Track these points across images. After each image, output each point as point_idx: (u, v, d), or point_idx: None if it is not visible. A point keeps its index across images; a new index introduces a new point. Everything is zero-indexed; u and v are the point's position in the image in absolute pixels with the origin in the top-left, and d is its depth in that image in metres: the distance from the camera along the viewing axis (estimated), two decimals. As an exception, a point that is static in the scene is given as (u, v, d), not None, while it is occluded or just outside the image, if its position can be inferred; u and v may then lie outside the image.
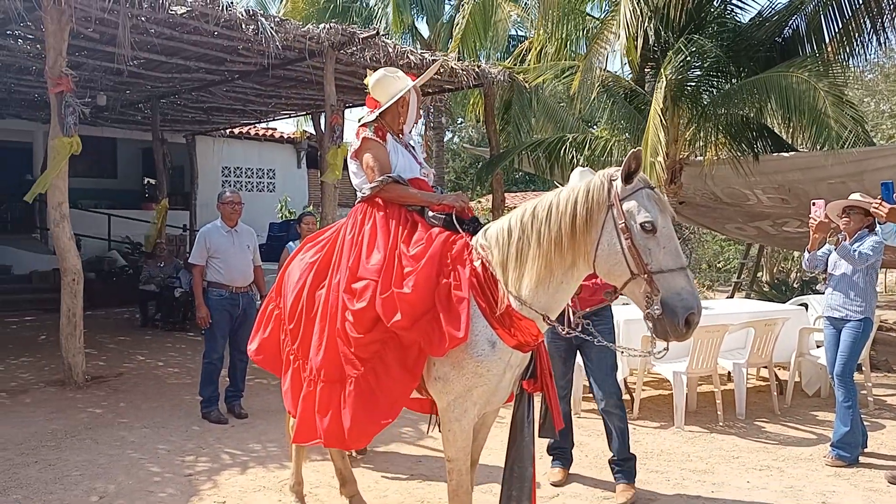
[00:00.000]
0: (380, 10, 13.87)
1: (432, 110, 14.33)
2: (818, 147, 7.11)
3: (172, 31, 7.35)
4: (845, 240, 4.78)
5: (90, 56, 8.13)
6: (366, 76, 3.34)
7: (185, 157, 14.57)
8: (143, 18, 6.84)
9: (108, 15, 6.49)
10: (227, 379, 5.71)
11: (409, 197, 3.06)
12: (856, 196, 4.86)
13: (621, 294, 2.70)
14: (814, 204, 4.69)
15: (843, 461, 4.67)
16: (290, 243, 6.42)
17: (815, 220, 4.64)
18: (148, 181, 15.61)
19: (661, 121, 7.07)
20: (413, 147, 3.29)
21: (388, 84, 3.20)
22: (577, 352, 4.30)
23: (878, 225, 4.28)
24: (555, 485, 4.27)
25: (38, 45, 7.77)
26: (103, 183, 15.04)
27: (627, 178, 2.58)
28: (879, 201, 3.95)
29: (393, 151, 3.15)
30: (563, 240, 2.65)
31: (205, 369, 5.51)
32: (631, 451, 4.18)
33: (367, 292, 2.83)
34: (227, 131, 14.84)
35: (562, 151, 8.99)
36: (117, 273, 12.47)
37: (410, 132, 3.33)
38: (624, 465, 4.12)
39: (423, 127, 15.48)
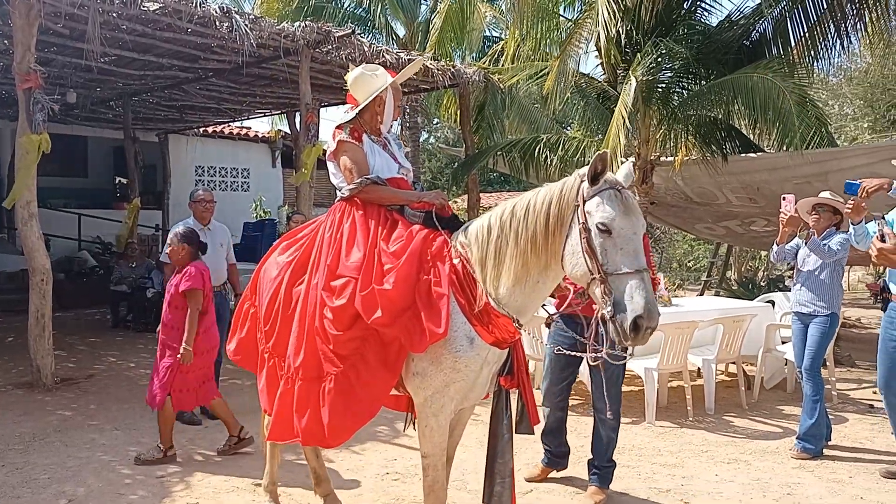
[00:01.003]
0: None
1: (408, 110, 14.32)
2: (784, 147, 7.29)
3: (144, 27, 7.26)
4: (815, 235, 4.92)
5: (60, 52, 8.00)
6: (342, 75, 3.35)
7: (157, 155, 14.38)
8: (114, 14, 6.75)
9: (77, 10, 6.39)
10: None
11: (388, 197, 3.08)
12: (825, 194, 4.99)
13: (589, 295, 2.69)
14: (784, 198, 4.81)
15: (808, 453, 4.80)
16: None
17: (786, 215, 4.77)
18: (119, 180, 15.36)
19: (626, 123, 7.18)
20: (389, 142, 3.30)
21: (365, 82, 3.21)
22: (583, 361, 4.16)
23: (851, 226, 4.40)
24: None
25: (5, 41, 7.62)
26: (73, 182, 14.76)
27: (594, 178, 2.59)
28: (856, 198, 4.08)
29: (370, 152, 3.16)
30: (538, 239, 2.67)
31: (178, 369, 5.45)
32: (613, 459, 4.14)
33: (347, 290, 2.84)
34: (201, 130, 14.68)
35: (536, 152, 9.09)
36: (87, 273, 12.27)
37: (389, 130, 3.35)
38: (602, 469, 4.11)
39: (400, 127, 15.46)
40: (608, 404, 4.03)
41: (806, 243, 4.93)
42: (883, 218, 3.23)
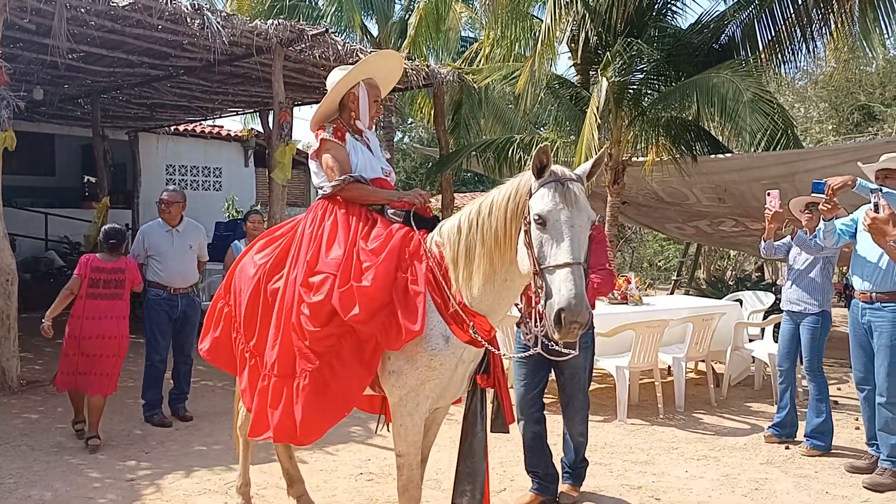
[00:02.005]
0: (332, 8, 13.63)
1: (382, 109, 14.25)
2: (749, 147, 7.45)
3: (114, 23, 7.13)
4: (806, 234, 5.01)
5: (26, 48, 7.82)
6: (315, 73, 3.36)
7: (127, 154, 14.13)
8: (82, 10, 6.62)
9: (44, 5, 6.27)
10: (172, 381, 5.60)
11: (369, 196, 3.08)
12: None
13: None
14: (769, 194, 4.87)
15: (818, 450, 4.89)
16: (237, 242, 6.33)
17: (770, 211, 4.85)
18: (88, 179, 15.08)
19: (597, 121, 7.27)
20: (370, 141, 3.31)
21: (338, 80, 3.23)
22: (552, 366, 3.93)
23: (821, 222, 4.50)
24: None
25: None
26: (40, 181, 14.42)
27: (539, 172, 2.55)
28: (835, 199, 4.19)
29: (353, 151, 3.16)
30: (500, 236, 2.65)
31: (147, 372, 5.39)
32: (585, 458, 4.12)
33: (325, 286, 2.84)
34: (172, 128, 14.46)
35: (510, 152, 9.15)
36: (55, 274, 12.00)
37: (371, 129, 3.34)
38: (575, 469, 4.09)
39: (374, 126, 15.35)
40: (572, 410, 3.96)
41: (792, 238, 5.03)
42: (880, 190, 3.28)
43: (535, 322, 2.56)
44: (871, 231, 2.64)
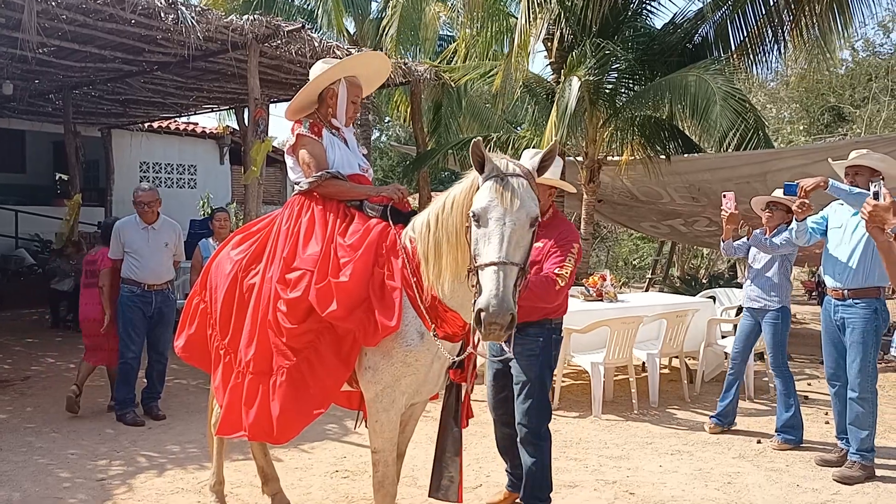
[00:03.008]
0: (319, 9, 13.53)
1: (360, 108, 14.15)
2: (724, 148, 7.56)
3: (86, 17, 7.00)
4: (765, 234, 5.10)
5: (-6, 42, 7.67)
6: (291, 70, 3.34)
7: (100, 151, 13.93)
8: (53, 3, 6.50)
9: (13, -2, 6.14)
10: (145, 380, 5.54)
11: (347, 192, 3.06)
12: (779, 192, 5.15)
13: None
14: (724, 196, 4.99)
15: (789, 444, 4.96)
16: (205, 240, 6.27)
17: (727, 212, 4.95)
18: (60, 176, 14.83)
19: (563, 120, 7.32)
20: (348, 138, 3.29)
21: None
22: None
23: (794, 222, 4.58)
24: None
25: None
26: (10, 178, 14.16)
27: (480, 168, 2.50)
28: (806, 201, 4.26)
29: (329, 147, 3.13)
30: (459, 232, 2.60)
31: (120, 369, 5.32)
32: (545, 496, 3.58)
33: (302, 282, 2.82)
34: (146, 125, 14.26)
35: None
36: (25, 272, 11.81)
37: (349, 126, 3.32)
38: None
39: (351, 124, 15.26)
40: (516, 421, 3.57)
41: (748, 238, 5.12)
42: (882, 179, 3.36)
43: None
44: (870, 219, 2.59)
